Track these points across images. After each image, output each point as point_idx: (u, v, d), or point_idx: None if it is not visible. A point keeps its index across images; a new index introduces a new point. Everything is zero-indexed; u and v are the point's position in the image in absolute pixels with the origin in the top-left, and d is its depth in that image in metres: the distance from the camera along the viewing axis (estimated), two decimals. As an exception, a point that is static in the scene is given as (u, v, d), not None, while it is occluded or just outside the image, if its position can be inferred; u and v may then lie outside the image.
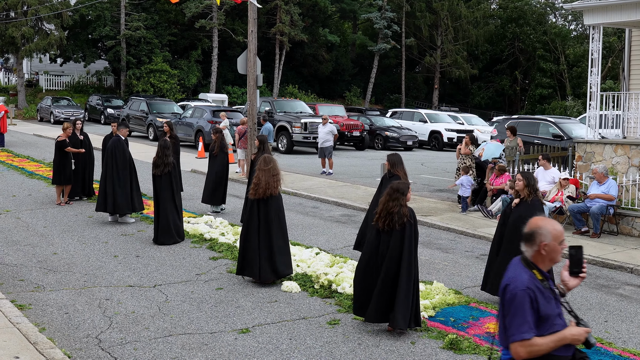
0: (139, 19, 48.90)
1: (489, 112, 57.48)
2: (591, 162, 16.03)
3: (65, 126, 16.21)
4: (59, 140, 15.95)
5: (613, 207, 14.20)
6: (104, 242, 12.37)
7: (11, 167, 22.11)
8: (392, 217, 7.90)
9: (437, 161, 28.98)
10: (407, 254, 7.90)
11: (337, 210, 16.74)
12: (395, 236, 7.91)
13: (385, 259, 7.93)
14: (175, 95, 48.49)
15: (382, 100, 61.98)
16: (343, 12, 62.14)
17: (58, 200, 16.06)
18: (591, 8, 16.04)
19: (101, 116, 42.81)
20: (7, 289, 9.34)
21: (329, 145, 23.03)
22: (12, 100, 48.39)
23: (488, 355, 7.37)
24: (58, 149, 15.93)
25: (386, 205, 7.97)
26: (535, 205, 9.19)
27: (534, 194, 9.27)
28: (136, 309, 8.68)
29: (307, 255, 11.34)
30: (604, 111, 17.25)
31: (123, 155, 14.17)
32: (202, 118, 30.09)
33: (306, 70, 58.99)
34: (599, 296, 10.14)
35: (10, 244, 12.04)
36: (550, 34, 59.61)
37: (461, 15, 59.20)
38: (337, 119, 31.95)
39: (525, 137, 20.22)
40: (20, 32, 44.82)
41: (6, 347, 6.91)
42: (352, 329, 8.21)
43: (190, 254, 11.69)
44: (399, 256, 7.89)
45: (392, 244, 7.91)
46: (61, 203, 15.95)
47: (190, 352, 7.33)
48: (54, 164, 16.14)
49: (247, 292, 9.60)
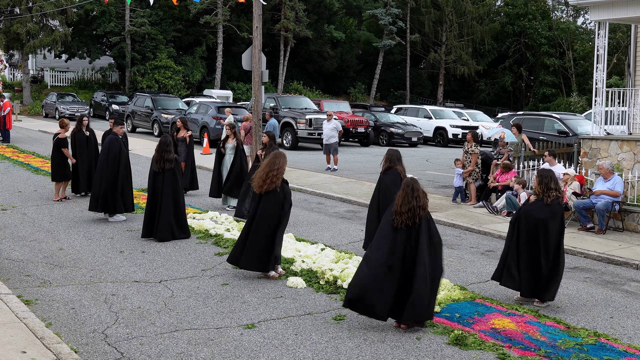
0: (143, 15, 48.93)
1: (494, 109, 57.40)
2: (597, 159, 16.00)
3: (64, 123, 16.21)
4: (60, 138, 15.95)
5: (619, 203, 14.18)
6: (109, 238, 12.40)
7: (17, 163, 22.16)
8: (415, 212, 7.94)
9: (442, 157, 28.94)
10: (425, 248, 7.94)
11: (342, 207, 16.75)
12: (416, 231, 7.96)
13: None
14: (180, 92, 48.52)
15: (386, 97, 61.95)
16: (348, 8, 62.09)
17: (57, 197, 16.00)
18: (597, 4, 16.00)
19: (106, 112, 42.82)
20: (14, 284, 9.37)
21: (334, 142, 23.02)
22: (18, 97, 48.47)
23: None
24: (57, 146, 15.95)
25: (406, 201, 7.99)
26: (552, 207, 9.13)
27: (547, 193, 9.17)
28: (142, 305, 8.70)
29: (312, 251, 11.36)
30: (610, 107, 17.22)
31: (117, 154, 13.75)
32: (207, 114, 30.10)
33: (311, 66, 58.98)
34: (604, 292, 10.12)
35: (16, 240, 12.08)
36: (556, 29, 59.44)
37: (466, 12, 59.10)
38: (341, 115, 31.93)
39: (531, 133, 20.20)
40: (25, 29, 44.88)
41: (13, 342, 6.94)
42: (358, 324, 8.22)
43: (196, 250, 11.71)
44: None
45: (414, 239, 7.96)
46: (61, 200, 15.95)
47: (196, 347, 7.35)
48: (54, 160, 16.05)
49: (252, 287, 9.62)
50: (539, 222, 9.07)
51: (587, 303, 9.53)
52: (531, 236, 9.10)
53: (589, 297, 9.85)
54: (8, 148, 26.21)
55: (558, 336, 8.00)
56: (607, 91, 16.61)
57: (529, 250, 9.12)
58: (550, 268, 9.08)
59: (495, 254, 11.81)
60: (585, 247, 12.76)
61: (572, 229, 14.40)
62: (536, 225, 9.08)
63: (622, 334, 8.28)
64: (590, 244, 13.04)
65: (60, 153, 15.90)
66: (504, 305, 9.14)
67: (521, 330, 8.15)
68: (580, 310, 9.17)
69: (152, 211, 12.32)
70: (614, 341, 7.94)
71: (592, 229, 14.25)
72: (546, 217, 9.05)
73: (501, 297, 9.59)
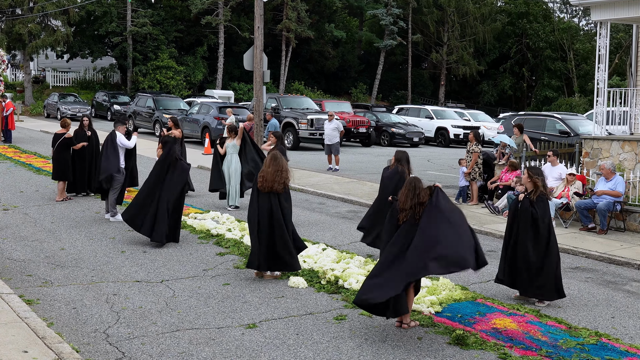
0: (145, 15, 48.96)
1: (496, 109, 57.35)
2: (598, 159, 16.00)
3: (66, 122, 16.26)
4: (67, 138, 15.98)
5: (620, 203, 14.17)
6: (111, 238, 12.41)
7: (18, 163, 22.19)
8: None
9: (444, 157, 28.94)
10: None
11: (344, 207, 16.75)
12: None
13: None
14: (182, 92, 48.52)
15: (388, 97, 61.91)
16: (350, 8, 62.08)
17: (60, 197, 15.97)
18: (598, 4, 16.00)
19: (107, 113, 42.88)
20: (15, 284, 9.39)
21: (335, 142, 23.03)
22: (19, 97, 48.51)
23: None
24: (61, 146, 15.96)
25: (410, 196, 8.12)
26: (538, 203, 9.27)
27: (535, 190, 9.34)
28: (143, 304, 8.71)
29: (313, 251, 11.37)
30: (611, 107, 17.20)
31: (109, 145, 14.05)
32: (209, 114, 30.09)
33: (312, 66, 58.96)
34: (606, 292, 10.12)
35: (18, 240, 12.09)
36: (557, 30, 59.38)
37: (468, 12, 59.04)
38: (343, 115, 31.92)
39: (532, 133, 20.18)
40: (27, 29, 44.91)
41: (15, 342, 6.95)
42: (359, 324, 8.22)
43: (197, 250, 11.72)
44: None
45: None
46: (65, 200, 15.98)
47: (198, 347, 7.36)
48: (58, 160, 16.03)
49: (253, 287, 9.63)
50: (528, 218, 9.24)
51: (589, 303, 9.53)
52: (521, 232, 9.24)
53: (590, 297, 9.85)
54: (10, 148, 26.24)
55: (559, 336, 8.00)
56: (608, 91, 16.60)
57: (518, 246, 9.30)
58: (541, 262, 9.16)
59: (497, 254, 11.79)
60: (587, 247, 12.75)
61: (573, 229, 14.40)
62: (525, 222, 9.24)
63: (623, 334, 8.28)
64: (591, 244, 13.04)
65: (62, 153, 15.95)
66: (505, 305, 9.15)
67: (522, 330, 8.15)
68: (582, 310, 9.17)
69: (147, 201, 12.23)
70: (616, 341, 7.94)
71: (593, 229, 14.24)
72: (535, 213, 9.18)
73: (502, 297, 9.60)
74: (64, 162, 15.97)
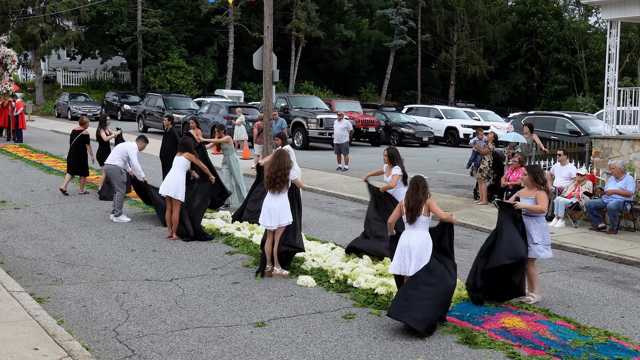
0: (155, 15, 49.12)
1: (506, 109, 57.21)
2: (608, 158, 15.93)
3: (84, 120, 16.89)
4: (85, 135, 16.64)
5: (630, 203, 14.11)
6: (121, 237, 12.46)
7: (29, 162, 22.30)
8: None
9: (453, 157, 28.89)
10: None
11: (353, 206, 16.76)
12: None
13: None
14: (192, 92, 48.67)
15: (397, 97, 61.87)
16: (359, 8, 62.07)
17: (82, 190, 16.82)
18: (608, 3, 15.93)
19: (118, 112, 43.04)
20: (26, 282, 9.44)
21: (345, 142, 23.04)
22: (30, 97, 48.77)
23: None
24: (79, 142, 16.56)
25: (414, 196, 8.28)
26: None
27: (536, 186, 9.38)
28: (153, 303, 8.75)
29: (322, 250, 11.40)
30: (622, 107, 17.13)
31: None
32: (218, 114, 30.18)
33: (322, 66, 58.99)
34: (615, 292, 10.09)
35: (29, 238, 12.17)
36: (568, 29, 59.14)
37: (477, 11, 58.93)
38: (352, 115, 31.93)
39: (542, 133, 20.13)
40: (39, 29, 45.13)
41: (26, 339, 7.01)
42: (368, 323, 8.23)
43: (207, 249, 11.76)
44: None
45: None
46: (86, 192, 16.83)
47: (207, 345, 7.38)
48: (76, 156, 16.67)
49: (262, 286, 9.65)
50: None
51: (598, 302, 9.50)
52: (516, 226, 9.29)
53: (599, 296, 9.82)
54: (21, 148, 26.38)
55: (568, 335, 7.99)
56: (619, 90, 16.54)
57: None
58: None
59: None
60: (597, 247, 12.71)
61: (583, 229, 14.35)
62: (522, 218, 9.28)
63: (633, 334, 8.26)
64: (601, 244, 12.99)
65: (79, 147, 16.62)
66: (514, 304, 9.13)
67: (531, 329, 8.14)
68: (591, 310, 9.14)
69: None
70: (625, 340, 7.92)
71: (603, 229, 14.19)
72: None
73: (511, 296, 9.58)
74: (83, 157, 16.71)
